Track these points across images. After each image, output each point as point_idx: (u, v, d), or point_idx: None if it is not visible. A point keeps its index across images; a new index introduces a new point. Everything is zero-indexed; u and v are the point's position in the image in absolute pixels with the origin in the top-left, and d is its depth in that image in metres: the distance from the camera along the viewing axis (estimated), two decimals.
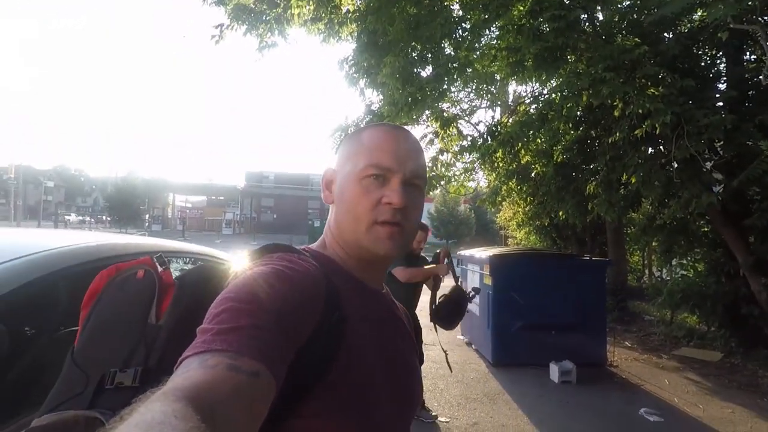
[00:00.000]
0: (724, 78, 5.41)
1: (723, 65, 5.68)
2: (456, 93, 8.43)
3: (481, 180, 8.79)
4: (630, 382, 4.79)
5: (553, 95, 5.22)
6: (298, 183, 41.26)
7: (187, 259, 2.69)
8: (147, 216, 39.99)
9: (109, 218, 37.60)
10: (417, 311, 3.61)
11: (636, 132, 4.18)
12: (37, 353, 1.37)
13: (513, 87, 8.20)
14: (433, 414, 3.65)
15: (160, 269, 0.84)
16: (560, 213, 6.97)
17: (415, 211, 0.73)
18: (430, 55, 4.98)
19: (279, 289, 0.57)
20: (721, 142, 4.58)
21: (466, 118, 8.16)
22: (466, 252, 6.50)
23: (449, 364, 3.33)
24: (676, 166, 4.49)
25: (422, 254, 3.79)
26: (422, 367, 3.70)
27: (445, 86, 5.16)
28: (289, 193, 40.79)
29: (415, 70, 5.10)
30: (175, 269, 2.65)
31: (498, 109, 8.82)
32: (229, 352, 0.49)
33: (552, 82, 5.60)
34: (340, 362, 0.60)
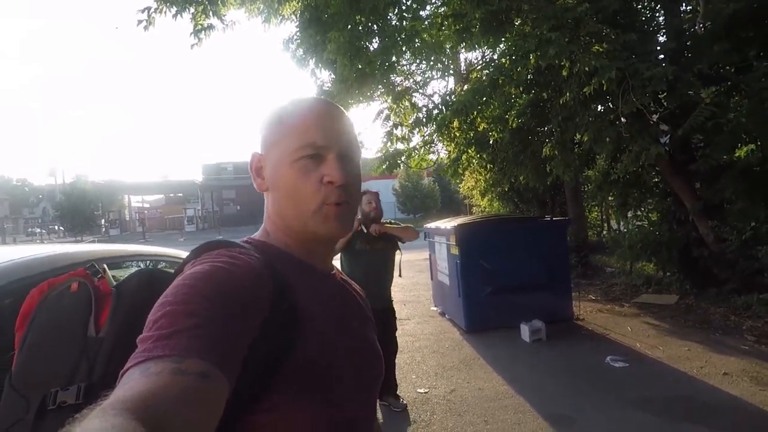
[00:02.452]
0: (664, 30, 5.55)
1: (662, 18, 5.82)
2: (408, 65, 8.30)
3: (441, 151, 8.79)
4: (596, 333, 5.01)
5: (503, 60, 5.21)
6: None
7: (148, 262, 2.56)
8: (103, 221, 38.08)
9: (61, 227, 35.58)
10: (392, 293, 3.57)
11: (584, 90, 4.23)
12: None
13: (464, 55, 8.14)
14: (404, 402, 3.48)
15: (95, 280, 0.81)
16: (520, 177, 7.08)
17: (357, 184, 0.72)
18: (375, 27, 4.82)
19: (220, 286, 0.55)
20: (665, 94, 4.71)
21: (420, 91, 8.07)
22: (431, 224, 6.53)
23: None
24: (624, 121, 4.60)
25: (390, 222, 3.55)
26: (399, 342, 3.71)
27: (394, 58, 5.04)
28: (250, 183, 38.99)
29: (362, 44, 4.94)
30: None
31: (451, 79, 8.76)
32: (173, 356, 0.46)
33: (501, 46, 5.58)
34: (296, 352, 0.58)
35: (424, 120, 6.20)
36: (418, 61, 7.32)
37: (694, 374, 3.70)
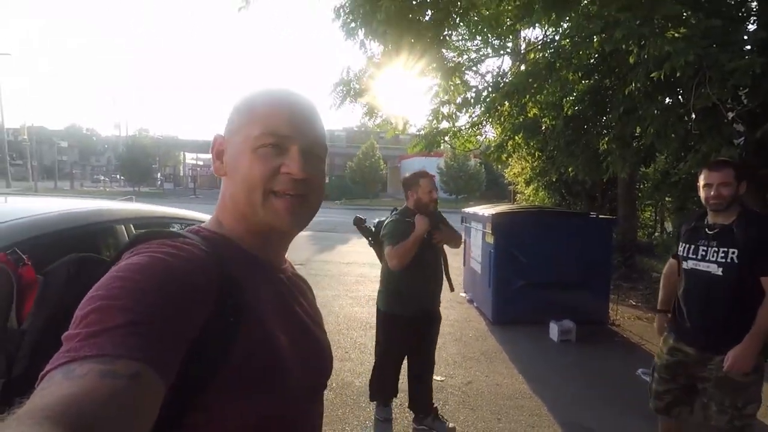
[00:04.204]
0: (755, 18, 4.91)
1: (754, 3, 5.14)
2: (462, 41, 7.91)
3: (490, 133, 8.43)
4: (630, 342, 4.74)
5: (564, 42, 4.82)
6: None
7: (182, 225, 2.59)
8: (159, 174, 40.24)
9: (122, 177, 38.02)
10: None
11: (652, 75, 3.82)
12: None
13: (524, 34, 7.65)
14: (451, 425, 2.94)
15: (19, 267, 0.75)
16: (569, 169, 6.67)
17: (319, 181, 0.70)
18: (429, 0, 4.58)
19: (159, 279, 0.51)
20: (746, 90, 4.20)
21: (474, 69, 7.70)
22: (469, 210, 6.37)
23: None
24: (694, 117, 4.16)
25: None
26: None
27: (446, 32, 4.78)
28: None
29: (415, 16, 4.71)
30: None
31: (507, 58, 8.29)
32: (102, 356, 0.43)
33: (564, 25, 5.16)
34: (240, 349, 0.56)
35: (472, 101, 5.92)
36: (472, 36, 6.95)
37: None
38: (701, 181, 2.16)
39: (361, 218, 2.86)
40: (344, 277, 7.62)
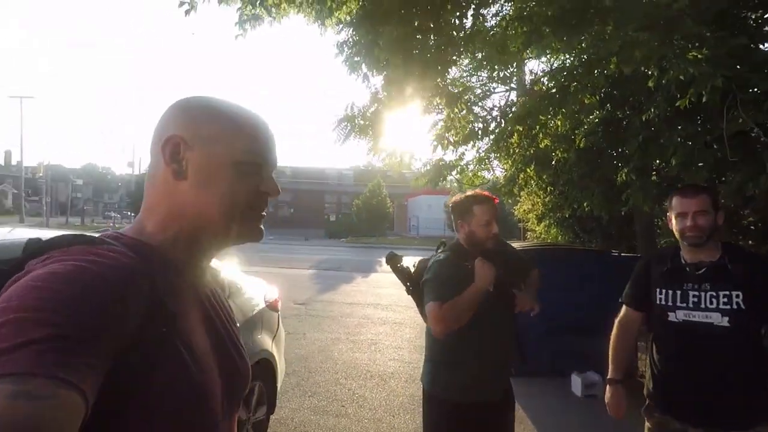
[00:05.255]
0: None
1: None
2: (467, 76, 7.77)
3: (497, 169, 8.16)
4: None
5: (575, 65, 4.60)
6: (315, 177, 41.46)
7: None
8: None
9: (132, 214, 38.47)
10: None
11: (678, 104, 3.52)
12: None
13: (529, 67, 7.52)
14: None
15: None
16: (584, 204, 6.30)
17: None
18: (432, 25, 4.42)
19: (81, 290, 0.48)
20: None
21: (480, 104, 7.51)
22: None
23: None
24: (726, 143, 3.82)
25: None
26: None
27: (449, 58, 4.59)
28: (305, 188, 41.11)
29: (416, 44, 4.54)
30: None
31: (512, 93, 8.14)
32: (15, 375, 0.40)
33: (572, 54, 4.95)
34: (167, 362, 0.54)
35: (479, 133, 5.66)
36: (477, 68, 6.81)
37: None
38: (672, 211, 1.79)
39: (396, 255, 2.01)
40: (346, 318, 7.15)
